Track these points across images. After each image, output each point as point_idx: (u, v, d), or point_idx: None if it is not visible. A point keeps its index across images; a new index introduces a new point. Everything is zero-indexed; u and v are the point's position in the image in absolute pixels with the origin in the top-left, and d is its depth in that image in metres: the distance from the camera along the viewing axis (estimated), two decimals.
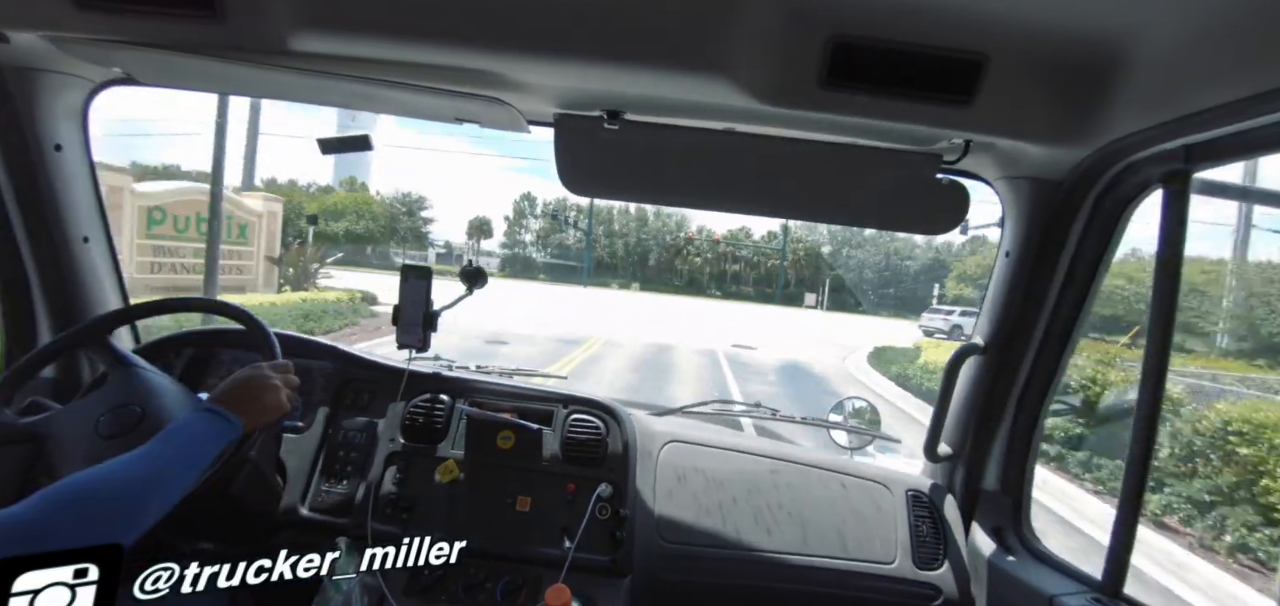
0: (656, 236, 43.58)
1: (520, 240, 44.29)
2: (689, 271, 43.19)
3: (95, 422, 1.09)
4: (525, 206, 44.41)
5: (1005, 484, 1.47)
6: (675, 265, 43.66)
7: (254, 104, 12.88)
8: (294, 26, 1.00)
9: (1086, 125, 1.06)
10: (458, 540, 1.00)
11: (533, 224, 44.30)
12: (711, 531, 1.46)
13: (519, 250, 43.86)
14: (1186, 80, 0.90)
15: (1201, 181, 1.05)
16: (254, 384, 1.05)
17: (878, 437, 1.79)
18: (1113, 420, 6.30)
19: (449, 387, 1.58)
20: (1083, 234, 1.26)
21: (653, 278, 42.82)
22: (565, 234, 44.07)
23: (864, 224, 1.82)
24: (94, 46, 1.14)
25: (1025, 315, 1.37)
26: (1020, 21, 0.92)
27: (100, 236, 1.52)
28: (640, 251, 44.10)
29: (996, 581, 1.38)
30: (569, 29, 0.99)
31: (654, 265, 43.92)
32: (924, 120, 1.08)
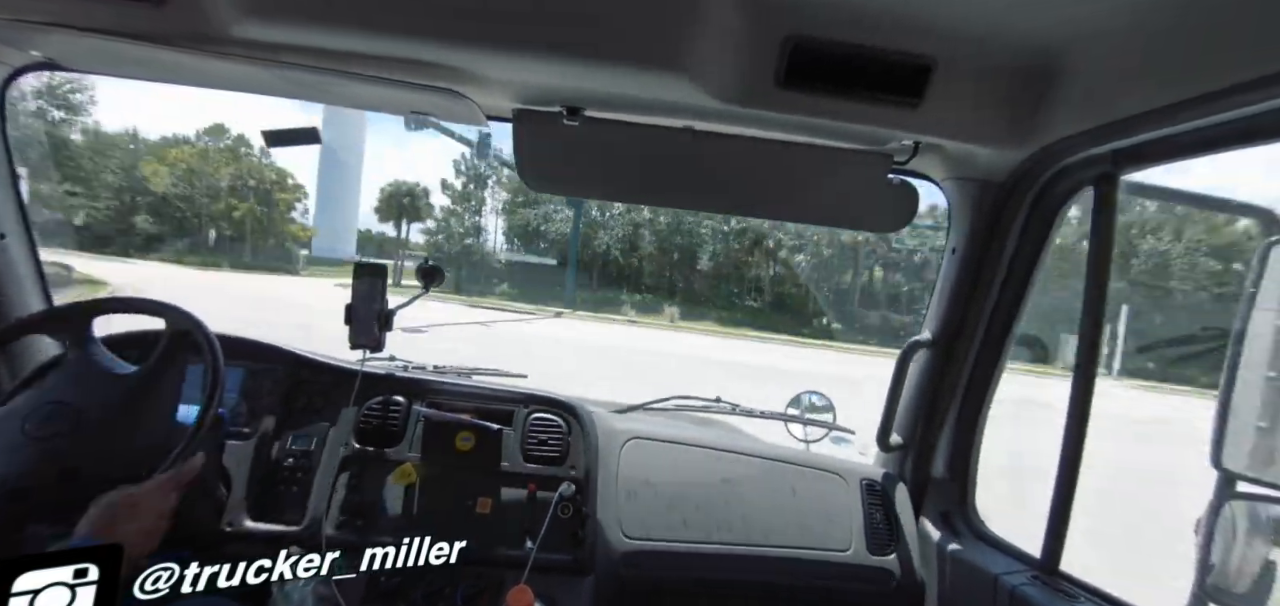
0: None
1: (472, 228, 28.07)
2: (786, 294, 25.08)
3: (22, 422, 1.01)
4: (479, 169, 27.95)
5: (953, 470, 1.54)
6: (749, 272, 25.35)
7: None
8: (236, 13, 0.96)
9: (1025, 129, 1.12)
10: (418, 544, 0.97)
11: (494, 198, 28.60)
12: (674, 526, 1.47)
13: (470, 244, 27.92)
14: (1115, 88, 0.97)
15: (1131, 183, 1.12)
16: (119, 513, 0.90)
17: (833, 430, 1.84)
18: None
19: (405, 388, 1.54)
20: (1021, 232, 1.34)
21: (705, 298, 24.82)
22: (541, 218, 27.13)
23: (818, 221, 1.87)
24: (15, 28, 1.06)
25: (970, 310, 1.43)
26: (965, 28, 0.96)
27: (19, 233, 1.41)
28: (681, 246, 25.33)
29: (945, 563, 1.45)
30: (528, 23, 0.98)
31: (710, 273, 25.47)
32: (876, 121, 1.12)
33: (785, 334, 20.76)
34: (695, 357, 13.13)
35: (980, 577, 1.31)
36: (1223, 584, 1.02)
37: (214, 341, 1.16)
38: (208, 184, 27.05)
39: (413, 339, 2.07)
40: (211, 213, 27.18)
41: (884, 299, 25.36)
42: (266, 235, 28.66)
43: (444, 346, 2.76)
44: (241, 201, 27.47)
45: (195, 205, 26.89)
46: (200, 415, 1.09)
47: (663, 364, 11.69)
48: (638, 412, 1.79)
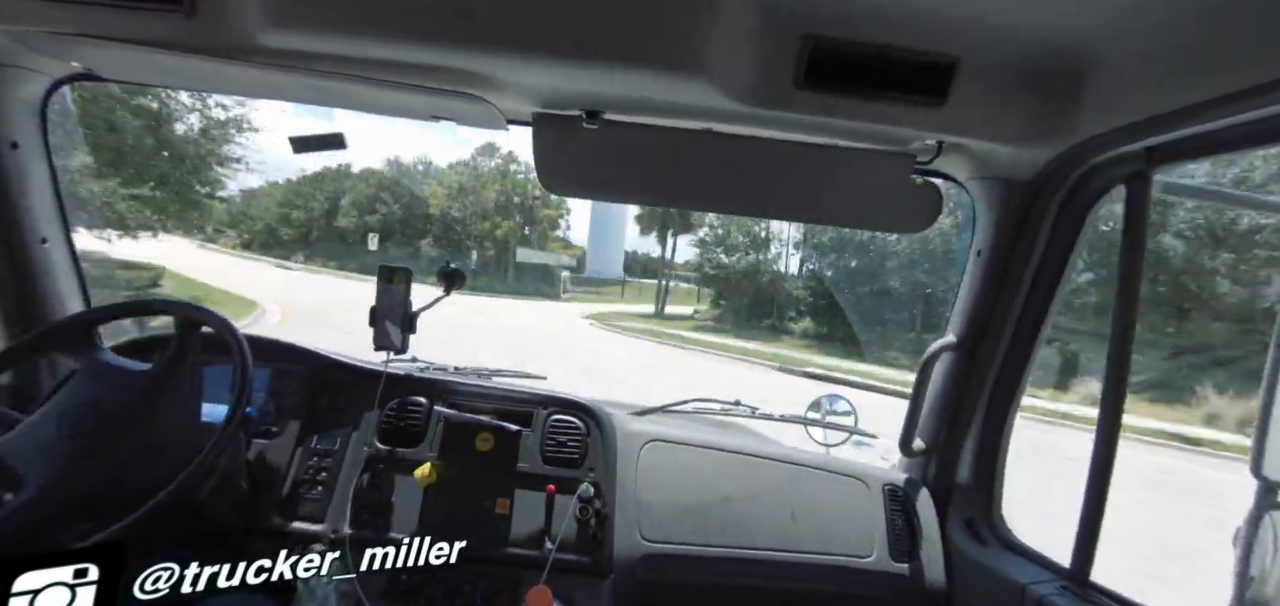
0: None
1: (757, 240, 19.71)
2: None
3: (57, 420, 1.06)
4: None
5: (978, 477, 1.51)
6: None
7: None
8: (264, 22, 0.98)
9: (1053, 127, 1.10)
10: (437, 544, 0.99)
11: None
12: (692, 530, 1.46)
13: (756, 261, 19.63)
14: (1149, 84, 0.94)
15: (1164, 182, 1.09)
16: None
17: (854, 434, 1.81)
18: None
19: (427, 390, 1.56)
20: (1051, 233, 1.30)
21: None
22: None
23: (840, 223, 1.85)
24: (55, 40, 1.10)
25: (996, 312, 1.40)
26: (990, 25, 0.94)
27: (59, 236, 1.46)
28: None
29: (969, 571, 1.42)
30: (548, 28, 0.98)
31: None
32: (898, 121, 1.11)
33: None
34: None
35: (1007, 587, 1.28)
36: (1262, 597, 0.99)
37: (242, 341, 1.19)
38: (477, 203, 25.60)
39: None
40: (477, 232, 25.38)
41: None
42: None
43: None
44: (505, 219, 25.32)
45: (466, 227, 25.37)
46: (229, 413, 1.11)
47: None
48: (656, 415, 1.79)
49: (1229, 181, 5.19)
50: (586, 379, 9.15)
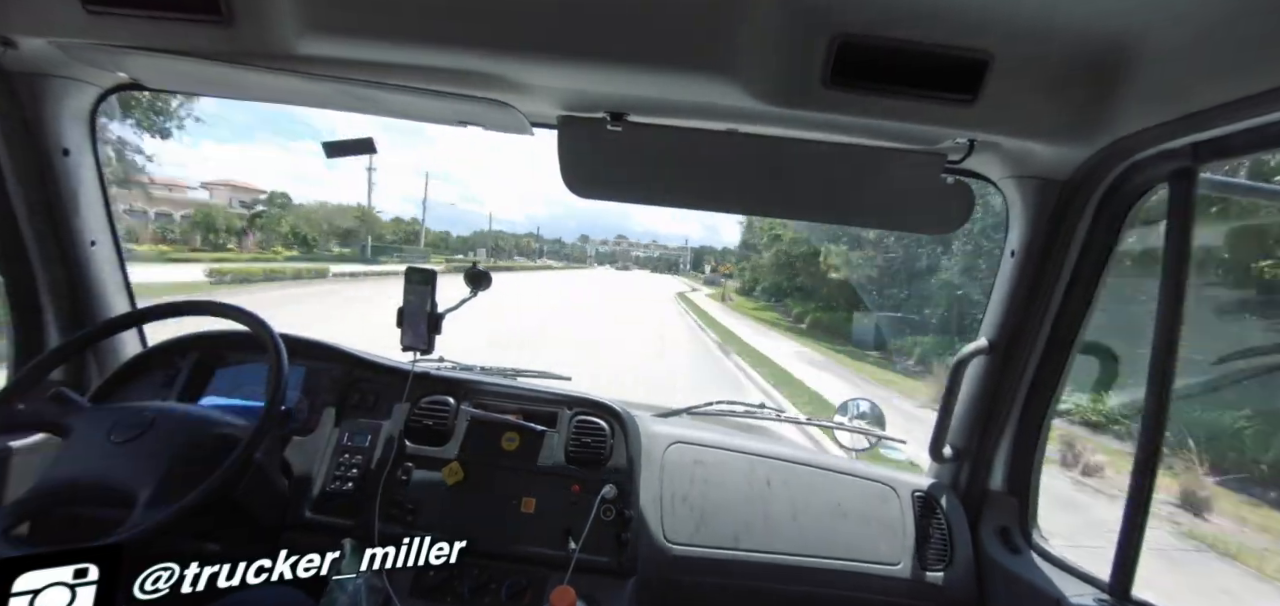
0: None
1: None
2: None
3: (109, 429, 1.12)
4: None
5: (1012, 484, 1.46)
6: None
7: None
8: (300, 30, 1.01)
9: (1092, 124, 1.06)
10: (460, 541, 1.00)
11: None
12: (716, 533, 1.45)
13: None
14: (1193, 77, 0.90)
15: (1208, 180, 1.04)
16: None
17: (883, 439, 1.78)
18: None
19: (453, 389, 1.58)
20: (1088, 233, 1.26)
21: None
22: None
23: (869, 224, 1.81)
24: (102, 52, 1.15)
25: (1031, 315, 1.36)
26: (1024, 20, 0.91)
27: (107, 240, 1.53)
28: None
29: (1003, 582, 1.37)
30: (572, 31, 0.99)
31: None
32: (928, 119, 1.08)
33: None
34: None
35: (1042, 599, 1.24)
36: None
37: (278, 340, 1.23)
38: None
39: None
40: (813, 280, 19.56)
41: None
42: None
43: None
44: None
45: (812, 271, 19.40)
46: (266, 410, 1.15)
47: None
48: (681, 417, 1.78)
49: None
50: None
